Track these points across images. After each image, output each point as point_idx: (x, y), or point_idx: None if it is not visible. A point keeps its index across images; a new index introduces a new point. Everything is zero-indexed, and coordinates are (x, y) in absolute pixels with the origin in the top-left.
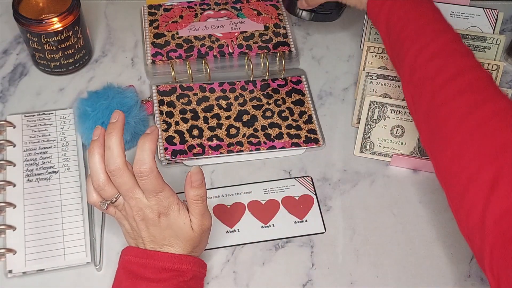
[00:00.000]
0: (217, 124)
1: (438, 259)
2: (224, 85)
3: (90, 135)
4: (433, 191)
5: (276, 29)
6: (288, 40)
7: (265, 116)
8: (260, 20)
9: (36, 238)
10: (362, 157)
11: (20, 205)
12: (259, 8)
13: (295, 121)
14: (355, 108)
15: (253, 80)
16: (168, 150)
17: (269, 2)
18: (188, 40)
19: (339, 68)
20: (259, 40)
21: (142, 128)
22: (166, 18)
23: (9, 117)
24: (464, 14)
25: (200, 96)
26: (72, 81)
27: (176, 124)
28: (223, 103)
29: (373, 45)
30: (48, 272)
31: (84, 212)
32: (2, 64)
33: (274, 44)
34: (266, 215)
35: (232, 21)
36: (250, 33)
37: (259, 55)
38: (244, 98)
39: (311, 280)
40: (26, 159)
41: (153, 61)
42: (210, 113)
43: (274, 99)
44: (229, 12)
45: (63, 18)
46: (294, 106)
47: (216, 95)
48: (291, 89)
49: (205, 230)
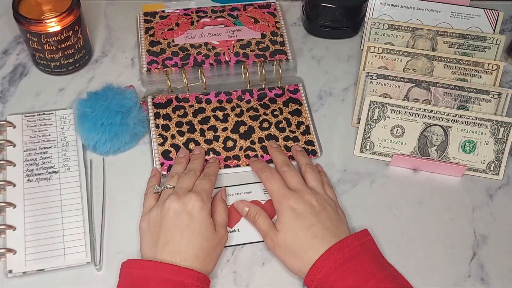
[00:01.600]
0: (213, 136)
1: (438, 259)
2: (221, 95)
3: (89, 136)
4: (433, 191)
5: (273, 37)
6: (285, 48)
7: (262, 127)
8: (257, 27)
9: (36, 238)
10: (362, 157)
11: (20, 205)
12: (256, 15)
13: (293, 132)
14: (355, 108)
15: (250, 90)
16: (165, 165)
17: (266, 9)
18: (184, 48)
19: (339, 68)
20: (256, 48)
21: (141, 129)
22: (162, 25)
23: (9, 117)
24: (464, 15)
25: (196, 107)
26: (72, 81)
27: (172, 137)
28: (220, 114)
29: (373, 45)
30: (48, 272)
31: (84, 212)
32: (2, 64)
33: (271, 53)
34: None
35: (229, 28)
36: (247, 41)
37: (256, 64)
38: (240, 108)
39: None
40: (26, 159)
41: (148, 69)
42: (207, 125)
43: (271, 109)
44: (226, 19)
45: (63, 18)
46: (291, 117)
47: (212, 106)
48: (288, 98)
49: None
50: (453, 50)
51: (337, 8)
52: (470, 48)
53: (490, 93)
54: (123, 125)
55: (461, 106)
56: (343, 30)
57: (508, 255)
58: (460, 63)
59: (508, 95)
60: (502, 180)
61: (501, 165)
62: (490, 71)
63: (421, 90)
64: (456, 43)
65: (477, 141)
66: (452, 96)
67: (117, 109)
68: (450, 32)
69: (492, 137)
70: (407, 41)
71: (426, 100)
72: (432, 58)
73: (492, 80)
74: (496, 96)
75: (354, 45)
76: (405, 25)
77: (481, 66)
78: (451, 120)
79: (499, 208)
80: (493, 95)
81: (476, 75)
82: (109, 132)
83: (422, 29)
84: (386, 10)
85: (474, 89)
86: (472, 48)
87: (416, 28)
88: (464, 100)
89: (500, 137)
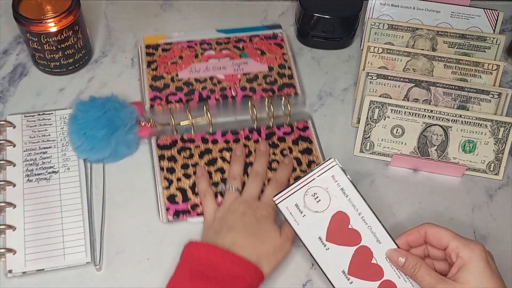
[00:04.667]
0: (221, 179)
1: None
2: (227, 135)
3: (72, 139)
4: (433, 191)
5: (280, 69)
6: (293, 82)
7: (272, 168)
8: (264, 60)
9: (36, 238)
10: (362, 157)
11: (20, 205)
12: (262, 47)
13: (303, 171)
14: (355, 108)
15: (258, 128)
16: (170, 210)
17: (273, 40)
18: (189, 83)
19: (339, 68)
20: (263, 82)
21: (124, 149)
22: (165, 59)
23: (9, 117)
24: (464, 15)
25: (202, 148)
26: (72, 81)
27: (178, 180)
28: (227, 155)
29: (373, 45)
30: (48, 272)
31: (84, 212)
32: (2, 64)
33: (279, 87)
34: None
35: (235, 61)
36: (254, 75)
37: (264, 99)
38: (248, 148)
39: (311, 280)
40: (26, 159)
41: (151, 105)
42: (214, 167)
43: (280, 148)
44: (231, 52)
45: (63, 18)
46: (301, 156)
47: (219, 147)
48: (297, 136)
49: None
50: (453, 50)
51: (329, 19)
52: (470, 48)
53: (490, 93)
54: (103, 141)
55: (461, 106)
56: (335, 41)
57: (508, 255)
58: (460, 63)
59: (508, 95)
60: (502, 180)
61: (501, 165)
62: (490, 71)
63: (421, 90)
64: (456, 43)
65: (477, 141)
66: (452, 96)
67: (104, 123)
68: (450, 32)
69: (492, 137)
70: (407, 41)
71: (426, 100)
72: (432, 58)
73: (492, 80)
74: (496, 96)
75: (354, 45)
76: (405, 25)
77: (481, 66)
78: (451, 120)
79: (499, 208)
80: (493, 95)
81: (476, 75)
82: (88, 143)
83: (422, 29)
84: (386, 10)
85: (474, 89)
86: (472, 48)
87: (416, 28)
88: (464, 100)
89: (500, 137)
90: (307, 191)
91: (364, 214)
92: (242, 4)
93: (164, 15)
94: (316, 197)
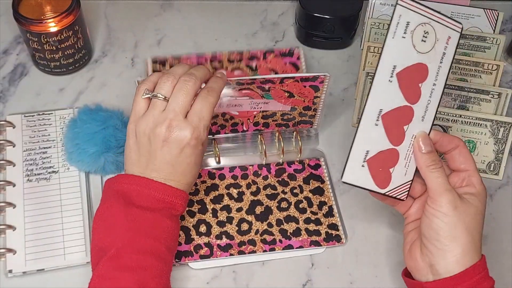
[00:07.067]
0: (227, 218)
1: None
2: (235, 170)
3: (67, 145)
4: None
5: (304, 111)
6: (313, 120)
7: (281, 207)
8: (290, 102)
9: (36, 238)
10: None
11: (20, 205)
12: (293, 90)
13: (314, 213)
14: (355, 108)
15: (267, 164)
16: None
17: (311, 83)
18: None
19: (339, 68)
20: (280, 118)
21: (112, 168)
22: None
23: (9, 117)
24: (464, 15)
25: (209, 184)
26: (72, 81)
27: (182, 219)
28: (234, 192)
29: (373, 45)
30: (48, 272)
31: (84, 212)
32: (2, 64)
33: (294, 123)
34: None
35: (254, 101)
36: (272, 112)
37: (274, 133)
38: (257, 185)
39: (311, 280)
40: (26, 159)
41: None
42: (220, 205)
43: (291, 187)
44: (253, 92)
45: (63, 18)
46: (312, 196)
47: (226, 183)
48: (309, 174)
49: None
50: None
51: (329, 19)
52: (470, 48)
53: (490, 93)
54: (93, 157)
55: (461, 106)
56: (335, 41)
57: (508, 255)
58: (460, 63)
59: (508, 95)
60: (502, 180)
61: (501, 165)
62: (490, 71)
63: None
64: None
65: (477, 141)
66: (452, 96)
67: (99, 141)
68: None
69: (492, 137)
70: None
71: None
72: None
73: (492, 80)
74: (496, 96)
75: (354, 45)
76: None
77: (481, 66)
78: (451, 120)
79: (499, 208)
80: (493, 95)
81: (476, 75)
82: (78, 155)
83: None
84: (386, 10)
85: (474, 89)
86: (472, 48)
87: None
88: (464, 100)
89: (500, 137)
90: (426, 23)
91: (435, 89)
92: (242, 4)
93: (164, 15)
94: (425, 36)
